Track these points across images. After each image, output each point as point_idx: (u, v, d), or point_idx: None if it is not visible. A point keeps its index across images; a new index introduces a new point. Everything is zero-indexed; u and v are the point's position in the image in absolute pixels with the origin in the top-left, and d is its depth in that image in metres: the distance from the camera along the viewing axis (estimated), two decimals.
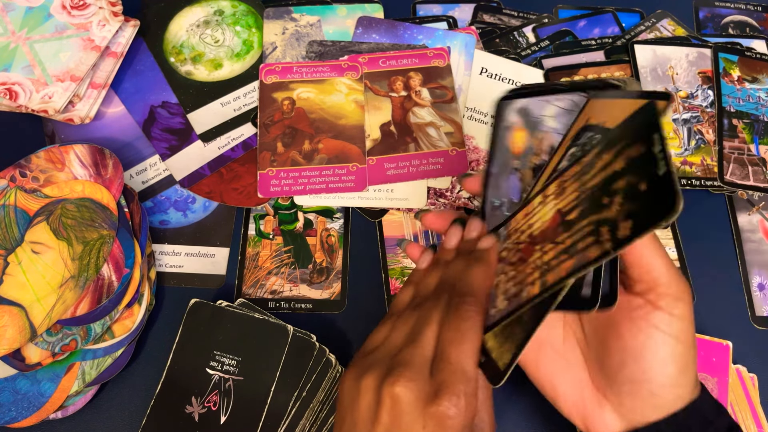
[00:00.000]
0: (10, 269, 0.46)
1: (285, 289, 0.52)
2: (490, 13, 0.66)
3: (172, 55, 0.60)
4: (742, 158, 0.57)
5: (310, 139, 0.54)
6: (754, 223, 0.56)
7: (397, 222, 0.55)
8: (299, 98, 0.56)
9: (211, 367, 0.46)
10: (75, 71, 0.54)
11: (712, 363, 0.47)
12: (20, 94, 0.53)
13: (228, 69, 0.59)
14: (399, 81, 0.57)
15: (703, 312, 0.53)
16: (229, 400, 0.45)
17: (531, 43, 0.64)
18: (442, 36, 0.60)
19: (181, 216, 0.55)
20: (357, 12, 0.62)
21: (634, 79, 0.59)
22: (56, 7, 0.57)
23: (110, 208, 0.49)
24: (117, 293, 0.46)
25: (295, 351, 0.45)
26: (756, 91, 0.60)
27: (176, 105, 0.58)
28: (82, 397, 0.47)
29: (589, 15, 0.66)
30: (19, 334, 0.44)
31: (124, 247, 0.48)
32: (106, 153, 0.51)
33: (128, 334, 0.47)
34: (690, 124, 0.58)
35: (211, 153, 0.56)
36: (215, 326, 0.47)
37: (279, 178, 0.53)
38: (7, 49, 0.55)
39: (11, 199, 0.49)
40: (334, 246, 0.54)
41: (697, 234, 0.56)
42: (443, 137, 0.55)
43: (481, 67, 0.59)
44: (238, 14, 0.62)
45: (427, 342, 0.33)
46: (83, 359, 0.46)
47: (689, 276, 0.54)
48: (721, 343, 0.48)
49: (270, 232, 0.55)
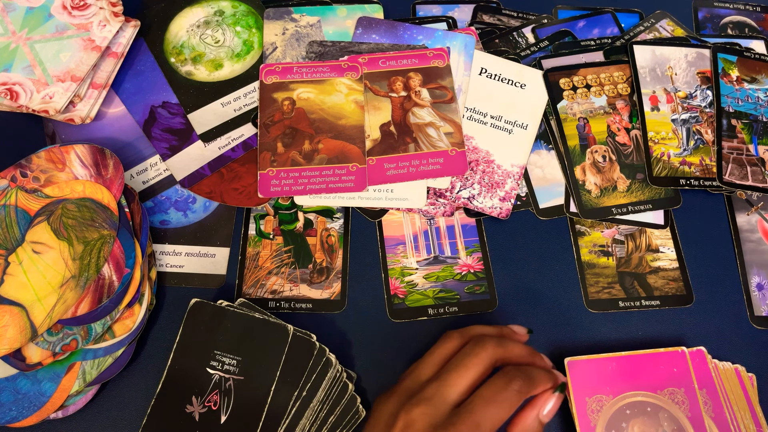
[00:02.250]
0: (11, 269, 0.46)
1: (285, 289, 0.52)
2: (489, 14, 0.66)
3: (172, 55, 0.60)
4: (741, 158, 0.57)
5: (310, 139, 0.55)
6: (753, 223, 0.56)
7: (397, 222, 0.56)
8: (299, 98, 0.56)
9: (211, 367, 0.46)
10: (75, 71, 0.54)
11: (674, 374, 0.46)
12: (21, 94, 0.53)
13: (228, 69, 0.59)
14: (399, 81, 0.57)
15: (702, 312, 0.53)
16: (229, 400, 0.45)
17: (530, 43, 0.64)
18: (442, 36, 0.60)
19: (181, 216, 0.55)
20: (357, 12, 0.62)
21: None
22: (57, 8, 0.57)
23: (111, 208, 0.49)
24: (117, 293, 0.46)
25: (295, 351, 0.46)
26: (755, 91, 0.60)
27: (177, 105, 0.58)
28: (82, 397, 0.47)
29: (588, 15, 0.67)
30: (20, 334, 0.44)
31: (124, 247, 0.48)
32: (106, 153, 0.51)
33: (129, 334, 0.48)
34: (689, 124, 0.58)
35: (211, 153, 0.56)
36: (215, 326, 0.47)
37: (279, 178, 0.53)
38: (8, 50, 0.55)
39: (12, 199, 0.49)
40: (334, 246, 0.54)
41: (696, 234, 0.56)
42: (443, 137, 0.55)
43: (481, 67, 0.59)
44: (239, 14, 0.62)
45: (456, 385, 0.36)
46: (84, 359, 0.46)
47: (688, 276, 0.54)
48: (676, 351, 0.47)
49: (270, 232, 0.55)
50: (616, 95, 0.60)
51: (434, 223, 0.56)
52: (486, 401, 0.35)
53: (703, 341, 0.51)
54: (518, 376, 0.37)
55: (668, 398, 0.46)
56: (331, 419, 0.45)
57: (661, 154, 0.57)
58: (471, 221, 0.56)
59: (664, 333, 0.52)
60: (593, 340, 0.52)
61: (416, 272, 0.54)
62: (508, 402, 0.35)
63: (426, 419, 0.34)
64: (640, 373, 0.47)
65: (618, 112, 0.59)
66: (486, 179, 0.56)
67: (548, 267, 0.54)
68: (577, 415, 0.45)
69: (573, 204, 0.56)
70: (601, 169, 0.57)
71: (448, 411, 0.35)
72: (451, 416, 0.34)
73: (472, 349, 0.38)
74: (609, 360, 0.47)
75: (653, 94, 0.59)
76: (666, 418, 0.45)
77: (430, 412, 0.34)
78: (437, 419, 0.34)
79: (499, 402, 0.35)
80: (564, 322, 0.52)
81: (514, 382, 0.36)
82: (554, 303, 0.53)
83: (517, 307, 0.53)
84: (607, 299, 0.53)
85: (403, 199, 0.54)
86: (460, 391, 0.36)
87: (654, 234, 0.56)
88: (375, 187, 0.54)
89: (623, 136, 0.58)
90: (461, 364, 0.37)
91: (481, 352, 0.38)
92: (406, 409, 0.35)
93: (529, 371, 0.38)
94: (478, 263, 0.54)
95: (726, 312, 0.53)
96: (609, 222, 0.56)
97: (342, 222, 0.55)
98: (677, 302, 0.53)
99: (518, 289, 0.53)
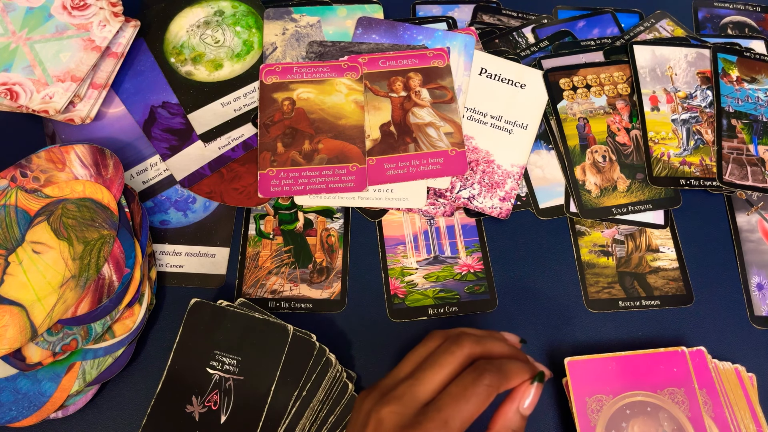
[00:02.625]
0: (11, 269, 0.46)
1: (285, 288, 0.52)
2: (489, 14, 0.66)
3: (172, 55, 0.60)
4: (741, 158, 0.57)
5: (310, 139, 0.55)
6: (753, 223, 0.56)
7: (396, 222, 0.56)
8: (299, 98, 0.56)
9: (211, 367, 0.46)
10: (75, 71, 0.54)
11: (674, 374, 0.46)
12: (21, 95, 0.53)
13: (228, 69, 0.59)
14: (399, 81, 0.57)
15: (702, 312, 0.53)
16: (229, 400, 0.45)
17: (530, 43, 0.64)
18: (442, 36, 0.60)
19: (181, 216, 0.55)
20: (357, 12, 0.62)
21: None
22: (57, 8, 0.57)
23: (111, 208, 0.49)
24: (117, 293, 0.46)
25: (295, 351, 0.46)
26: (755, 91, 0.60)
27: (176, 105, 0.58)
28: (82, 397, 0.47)
29: (588, 15, 0.67)
30: (20, 334, 0.44)
31: (124, 247, 0.48)
32: (106, 153, 0.51)
33: (129, 334, 0.48)
34: (689, 124, 0.58)
35: (211, 153, 0.56)
36: (215, 326, 0.47)
37: (279, 178, 0.53)
38: (8, 50, 0.55)
39: (12, 199, 0.49)
40: (334, 246, 0.54)
41: (696, 234, 0.56)
42: (443, 137, 0.55)
43: (481, 67, 0.59)
44: (239, 15, 0.62)
45: (428, 383, 0.35)
46: (84, 359, 0.46)
47: (688, 276, 0.54)
48: (676, 351, 0.47)
49: (270, 232, 0.55)
50: (616, 95, 0.60)
51: (434, 223, 0.56)
52: (454, 398, 0.34)
53: (703, 341, 0.51)
54: (488, 370, 0.35)
55: (668, 398, 0.46)
56: (331, 419, 0.45)
57: (661, 154, 0.57)
58: (471, 221, 0.56)
59: (664, 333, 0.52)
60: (593, 340, 0.52)
61: (416, 272, 0.54)
62: (477, 397, 0.34)
63: (394, 418, 0.34)
64: (640, 373, 0.47)
65: (618, 112, 0.59)
66: (486, 179, 0.56)
67: (548, 267, 0.54)
68: (577, 415, 0.45)
69: (573, 204, 0.56)
70: (601, 169, 0.57)
71: (418, 409, 0.34)
72: (419, 414, 0.34)
73: (448, 347, 0.37)
74: (609, 360, 0.47)
75: (653, 94, 0.59)
76: (666, 418, 0.45)
77: (399, 410, 0.34)
78: (405, 418, 0.33)
79: (468, 397, 0.34)
80: (564, 322, 0.52)
81: (484, 377, 0.35)
82: (554, 303, 0.53)
83: (517, 307, 0.53)
84: (607, 299, 0.53)
85: (403, 199, 0.54)
86: (431, 389, 0.35)
87: (654, 234, 0.56)
88: (375, 187, 0.54)
89: (623, 136, 0.58)
90: (435, 362, 0.36)
91: (456, 350, 0.37)
92: (377, 408, 0.34)
93: (501, 364, 0.36)
94: (478, 263, 0.54)
95: (726, 312, 0.53)
96: (609, 222, 0.56)
97: (342, 222, 0.55)
98: (677, 302, 0.53)
99: (518, 289, 0.53)
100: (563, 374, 0.47)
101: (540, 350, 0.51)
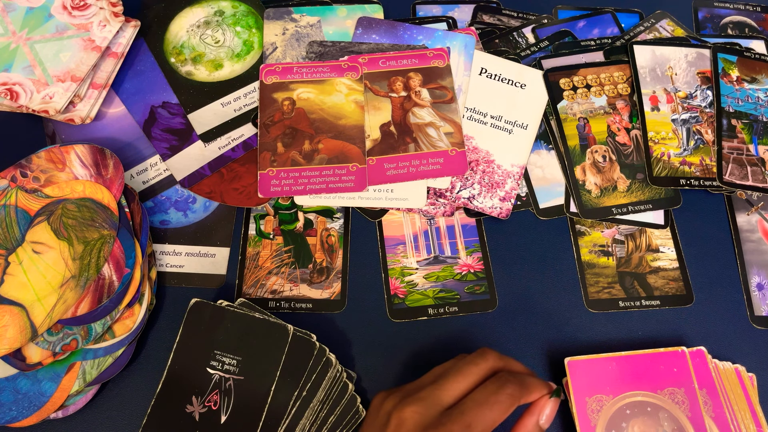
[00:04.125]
0: (11, 269, 0.46)
1: (285, 288, 0.52)
2: (489, 14, 0.66)
3: (172, 55, 0.60)
4: (741, 158, 0.57)
5: (310, 139, 0.55)
6: (753, 223, 0.56)
7: (397, 222, 0.56)
8: (299, 98, 0.56)
9: (211, 367, 0.46)
10: (76, 71, 0.54)
11: (674, 374, 0.46)
12: (21, 95, 0.53)
13: (228, 69, 0.59)
14: (399, 81, 0.57)
15: (702, 312, 0.53)
16: (229, 400, 0.45)
17: (530, 43, 0.64)
18: (442, 36, 0.60)
19: (181, 216, 0.55)
20: (357, 12, 0.62)
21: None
22: (57, 8, 0.58)
23: (111, 208, 0.49)
24: (118, 293, 0.46)
25: (295, 351, 0.46)
26: (755, 91, 0.60)
27: (177, 105, 0.58)
28: (82, 397, 0.47)
29: (588, 15, 0.67)
30: (20, 334, 0.44)
31: (124, 247, 0.48)
32: (106, 153, 0.51)
33: (129, 334, 0.48)
34: (689, 124, 0.58)
35: (211, 153, 0.56)
36: (216, 326, 0.47)
37: (279, 178, 0.53)
38: (8, 50, 0.55)
39: (12, 199, 0.49)
40: (334, 246, 0.54)
41: (696, 234, 0.56)
42: (443, 137, 0.55)
43: (481, 67, 0.59)
44: (239, 15, 0.62)
45: (451, 389, 0.37)
46: (84, 359, 0.46)
47: (688, 276, 0.54)
48: (676, 351, 0.47)
49: (270, 232, 0.55)
50: (616, 95, 0.60)
51: (434, 223, 0.56)
52: (478, 403, 0.35)
53: (703, 341, 0.51)
54: (511, 381, 0.37)
55: (668, 398, 0.46)
56: (331, 419, 0.45)
57: (661, 154, 0.57)
58: (471, 221, 0.56)
59: (664, 333, 0.52)
60: (593, 340, 0.52)
61: (416, 272, 0.54)
62: (500, 405, 0.36)
63: (417, 417, 0.35)
64: (640, 373, 0.47)
65: (618, 112, 0.59)
66: (486, 179, 0.56)
67: (548, 267, 0.54)
68: (577, 415, 0.45)
69: (573, 204, 0.56)
70: (601, 169, 0.57)
71: (440, 411, 0.35)
72: (442, 416, 0.35)
73: (473, 359, 0.39)
74: (609, 360, 0.47)
75: (653, 94, 0.59)
76: (666, 418, 0.45)
77: (422, 411, 0.35)
78: (428, 419, 0.35)
79: (491, 404, 0.36)
80: (564, 322, 0.52)
81: (507, 387, 0.37)
82: (554, 303, 0.53)
83: (517, 306, 0.53)
84: (607, 299, 0.53)
85: (403, 199, 0.54)
86: (455, 395, 0.37)
87: (654, 234, 0.56)
88: (375, 187, 0.54)
89: (623, 136, 0.58)
90: (459, 371, 0.38)
91: (481, 362, 0.39)
92: (399, 407, 0.36)
93: (523, 377, 0.39)
94: (478, 263, 0.54)
95: (726, 312, 0.53)
96: (609, 222, 0.56)
97: (342, 222, 0.55)
98: (677, 302, 0.53)
99: (518, 289, 0.53)
100: (563, 374, 0.47)
101: (540, 350, 0.51)
